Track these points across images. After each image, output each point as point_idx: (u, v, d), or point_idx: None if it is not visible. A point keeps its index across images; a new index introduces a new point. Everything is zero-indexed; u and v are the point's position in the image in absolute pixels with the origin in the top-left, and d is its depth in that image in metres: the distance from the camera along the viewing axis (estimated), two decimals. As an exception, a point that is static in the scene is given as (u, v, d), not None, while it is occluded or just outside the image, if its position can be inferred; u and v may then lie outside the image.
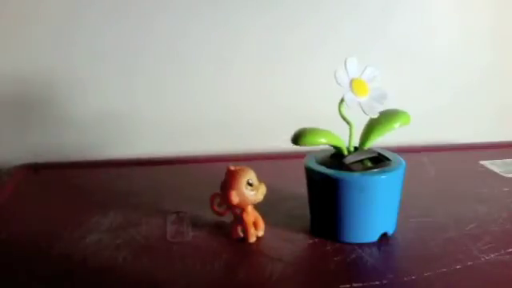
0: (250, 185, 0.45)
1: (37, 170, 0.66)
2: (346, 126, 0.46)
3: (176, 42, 0.71)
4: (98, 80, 0.71)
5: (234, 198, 0.45)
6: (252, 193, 0.45)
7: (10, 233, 0.50)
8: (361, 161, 0.47)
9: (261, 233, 0.47)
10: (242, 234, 0.47)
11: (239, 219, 0.47)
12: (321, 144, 0.45)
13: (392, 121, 0.46)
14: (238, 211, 0.47)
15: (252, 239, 0.47)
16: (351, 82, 0.45)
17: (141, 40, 0.70)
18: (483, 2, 0.75)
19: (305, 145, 0.44)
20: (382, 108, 0.45)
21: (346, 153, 0.47)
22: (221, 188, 0.46)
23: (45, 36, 0.68)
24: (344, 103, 0.44)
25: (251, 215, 0.47)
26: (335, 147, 0.48)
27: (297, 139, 0.45)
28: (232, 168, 0.46)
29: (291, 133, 0.45)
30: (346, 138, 0.47)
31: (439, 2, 0.75)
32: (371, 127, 0.47)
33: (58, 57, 0.69)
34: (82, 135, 0.72)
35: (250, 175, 0.46)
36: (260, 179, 0.47)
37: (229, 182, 0.45)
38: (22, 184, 0.62)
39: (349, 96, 0.44)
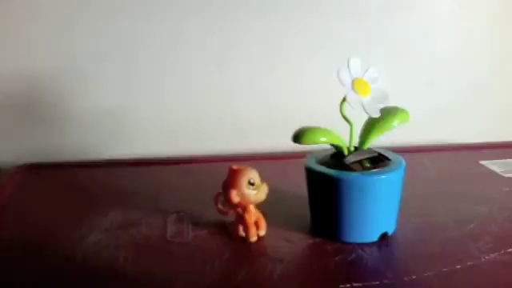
0: (252, 184, 0.45)
1: (37, 170, 0.66)
2: (347, 126, 0.46)
3: (176, 42, 0.71)
4: (97, 80, 0.71)
5: (234, 198, 0.45)
6: (253, 192, 0.45)
7: (10, 233, 0.50)
8: (361, 161, 0.47)
9: (262, 232, 0.47)
10: (243, 234, 0.47)
11: (241, 218, 0.47)
12: (321, 143, 0.45)
13: (391, 119, 0.46)
14: (239, 210, 0.47)
15: (253, 239, 0.46)
16: (353, 81, 0.45)
17: (141, 40, 0.70)
18: (483, 2, 0.75)
19: (305, 143, 0.44)
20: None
21: (346, 152, 0.47)
22: (222, 187, 0.46)
23: (44, 35, 0.68)
24: (345, 102, 0.44)
25: (253, 215, 0.46)
26: (335, 146, 0.48)
27: (297, 137, 0.45)
28: (234, 167, 0.46)
29: (291, 133, 0.45)
30: (346, 137, 0.47)
31: (439, 3, 0.75)
32: (370, 126, 0.47)
33: (57, 56, 0.69)
34: (83, 135, 0.72)
35: (251, 174, 0.46)
36: (261, 179, 0.46)
37: (229, 181, 0.45)
38: (22, 184, 0.62)
39: (351, 96, 0.44)
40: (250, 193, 0.45)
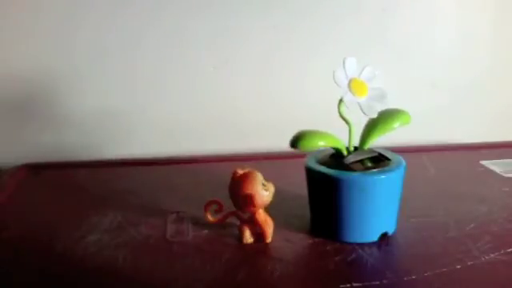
0: (264, 185, 0.45)
1: (37, 170, 0.66)
2: (347, 126, 0.46)
3: (177, 42, 0.71)
4: (98, 79, 0.71)
5: (258, 201, 0.44)
6: (266, 193, 0.45)
7: (10, 232, 0.50)
8: (361, 161, 0.47)
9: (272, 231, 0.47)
10: (252, 238, 0.46)
11: (250, 222, 0.46)
12: (320, 147, 0.45)
13: (392, 121, 0.46)
14: (245, 215, 0.46)
15: (269, 239, 0.46)
16: (350, 82, 0.45)
17: (142, 39, 0.70)
18: (483, 2, 0.75)
19: (303, 148, 0.44)
20: (381, 108, 0.45)
21: (345, 153, 0.47)
22: (234, 193, 0.45)
23: (45, 35, 0.68)
24: (343, 103, 0.44)
25: (263, 215, 0.46)
26: (335, 149, 0.48)
27: (295, 143, 0.44)
28: (241, 171, 0.45)
29: (291, 132, 0.45)
30: (346, 137, 0.47)
31: (439, 2, 0.75)
32: (371, 127, 0.47)
33: (58, 56, 0.69)
34: (82, 135, 0.72)
35: (261, 176, 0.45)
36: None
37: (246, 186, 0.44)
38: (22, 184, 0.62)
39: (348, 97, 0.44)
40: (264, 195, 0.45)
